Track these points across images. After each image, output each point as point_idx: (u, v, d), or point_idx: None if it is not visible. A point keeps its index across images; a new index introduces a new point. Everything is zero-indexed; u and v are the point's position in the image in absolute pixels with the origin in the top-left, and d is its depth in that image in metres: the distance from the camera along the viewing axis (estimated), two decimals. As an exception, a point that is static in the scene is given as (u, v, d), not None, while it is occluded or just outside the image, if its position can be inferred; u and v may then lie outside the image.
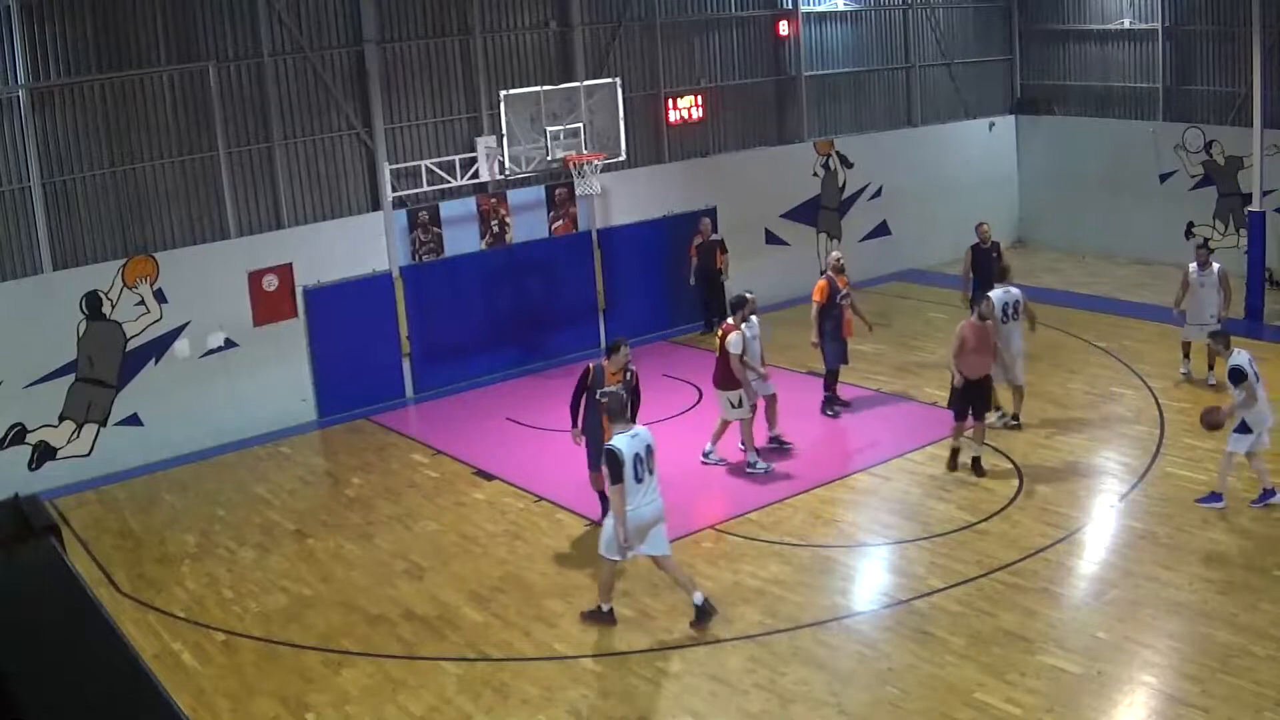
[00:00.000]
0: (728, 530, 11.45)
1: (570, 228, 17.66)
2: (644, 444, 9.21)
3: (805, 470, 12.71)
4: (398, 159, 16.07)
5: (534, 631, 9.76)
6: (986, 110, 22.73)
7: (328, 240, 15.61)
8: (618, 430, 9.20)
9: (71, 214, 13.98)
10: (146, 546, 12.19)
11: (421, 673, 9.26)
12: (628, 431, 9.19)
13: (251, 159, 15.18)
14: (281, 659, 9.65)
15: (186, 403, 14.55)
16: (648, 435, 9.31)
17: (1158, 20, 20.64)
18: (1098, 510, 11.44)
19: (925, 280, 20.84)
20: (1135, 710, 8.16)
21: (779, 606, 9.86)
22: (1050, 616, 9.38)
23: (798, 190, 20.20)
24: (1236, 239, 19.37)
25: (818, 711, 8.32)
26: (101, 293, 14.01)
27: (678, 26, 18.74)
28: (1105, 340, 16.61)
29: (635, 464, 9.08)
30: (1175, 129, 20.39)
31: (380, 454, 14.34)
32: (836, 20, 20.77)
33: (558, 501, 12.42)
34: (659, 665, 9.07)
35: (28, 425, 13.66)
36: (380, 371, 16.19)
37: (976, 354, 12.16)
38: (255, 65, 15.00)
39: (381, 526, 12.24)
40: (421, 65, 16.31)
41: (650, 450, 9.25)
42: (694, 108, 18.82)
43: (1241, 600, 9.38)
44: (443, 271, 16.52)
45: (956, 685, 8.46)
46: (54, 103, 13.71)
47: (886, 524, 11.57)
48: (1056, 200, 22.32)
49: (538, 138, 15.71)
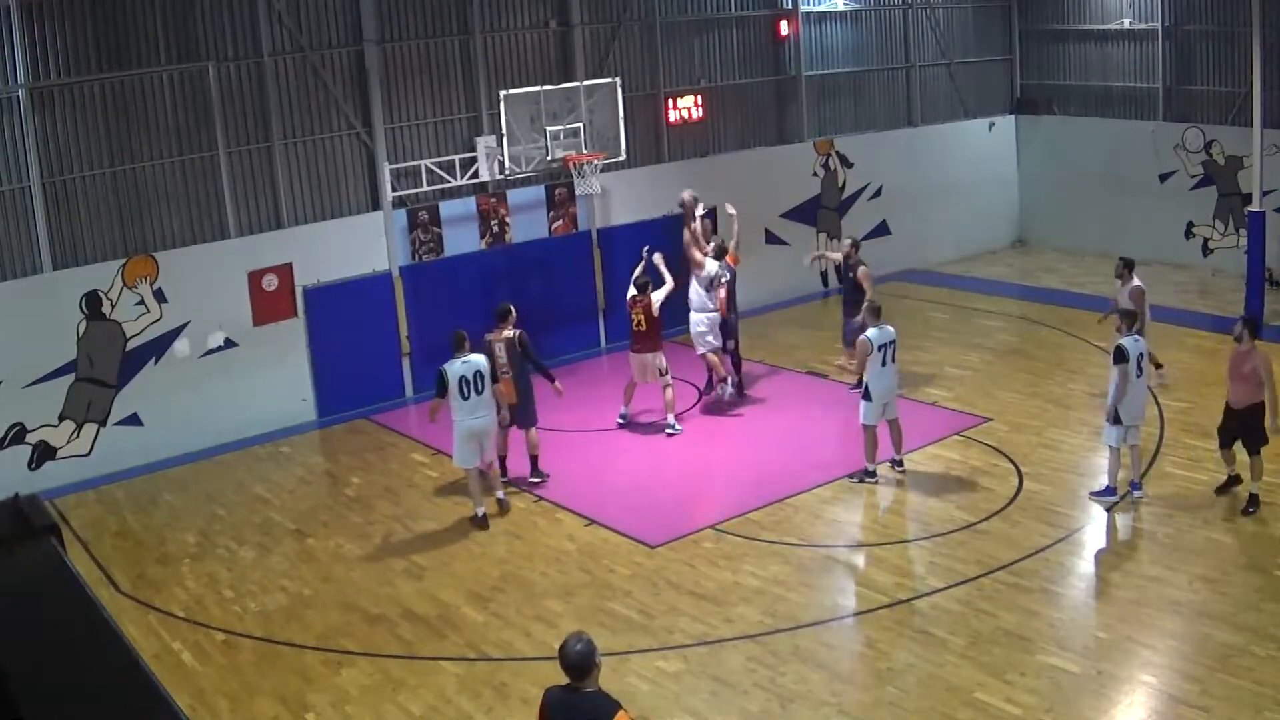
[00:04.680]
0: (728, 530, 11.45)
1: (570, 228, 17.66)
2: (473, 370, 11.58)
3: (805, 470, 12.71)
4: (398, 159, 16.07)
5: (534, 631, 9.77)
6: (986, 110, 22.73)
7: (328, 240, 15.61)
8: (458, 357, 11.63)
9: (71, 214, 13.98)
10: (146, 546, 12.19)
11: (421, 672, 9.26)
12: (460, 359, 11.58)
13: (251, 159, 15.18)
14: (281, 659, 9.65)
15: (186, 403, 14.55)
16: (479, 364, 11.64)
17: (1158, 20, 20.64)
18: (1098, 510, 11.44)
19: (925, 280, 20.85)
20: (1135, 710, 8.16)
21: (779, 606, 9.87)
22: (1050, 616, 9.39)
23: (798, 190, 20.20)
24: (1236, 239, 19.38)
25: (818, 711, 8.32)
26: (101, 292, 14.01)
27: (678, 26, 18.74)
28: (1105, 340, 16.59)
29: (461, 384, 11.51)
30: (1175, 129, 20.40)
31: (380, 454, 14.34)
32: (836, 20, 20.77)
33: (558, 501, 12.42)
34: (659, 665, 9.08)
35: (28, 425, 13.66)
36: (380, 371, 16.19)
37: (1232, 381, 11.13)
38: (255, 65, 14.99)
39: (381, 526, 12.24)
40: (421, 65, 16.30)
41: (480, 375, 11.59)
42: (694, 108, 18.81)
43: (1241, 600, 9.38)
44: (443, 271, 16.52)
45: (956, 685, 8.46)
46: (54, 103, 13.71)
47: (886, 524, 11.58)
48: (1056, 200, 22.32)
49: (538, 138, 15.71)
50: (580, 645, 5.50)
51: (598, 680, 5.58)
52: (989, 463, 12.64)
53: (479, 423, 11.68)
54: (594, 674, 5.53)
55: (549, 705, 5.63)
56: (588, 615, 9.95)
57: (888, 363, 12.13)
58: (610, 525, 11.73)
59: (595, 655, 5.53)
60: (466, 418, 11.62)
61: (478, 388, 11.60)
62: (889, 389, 12.24)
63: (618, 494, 12.69)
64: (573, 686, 5.53)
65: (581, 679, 5.50)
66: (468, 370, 11.55)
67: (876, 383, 12.08)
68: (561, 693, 5.58)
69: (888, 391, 12.22)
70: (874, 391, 12.09)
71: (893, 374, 12.30)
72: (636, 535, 11.43)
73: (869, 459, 12.31)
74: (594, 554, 11.16)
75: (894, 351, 12.24)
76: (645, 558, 10.98)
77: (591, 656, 5.51)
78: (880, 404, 12.14)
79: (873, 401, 12.11)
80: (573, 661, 5.50)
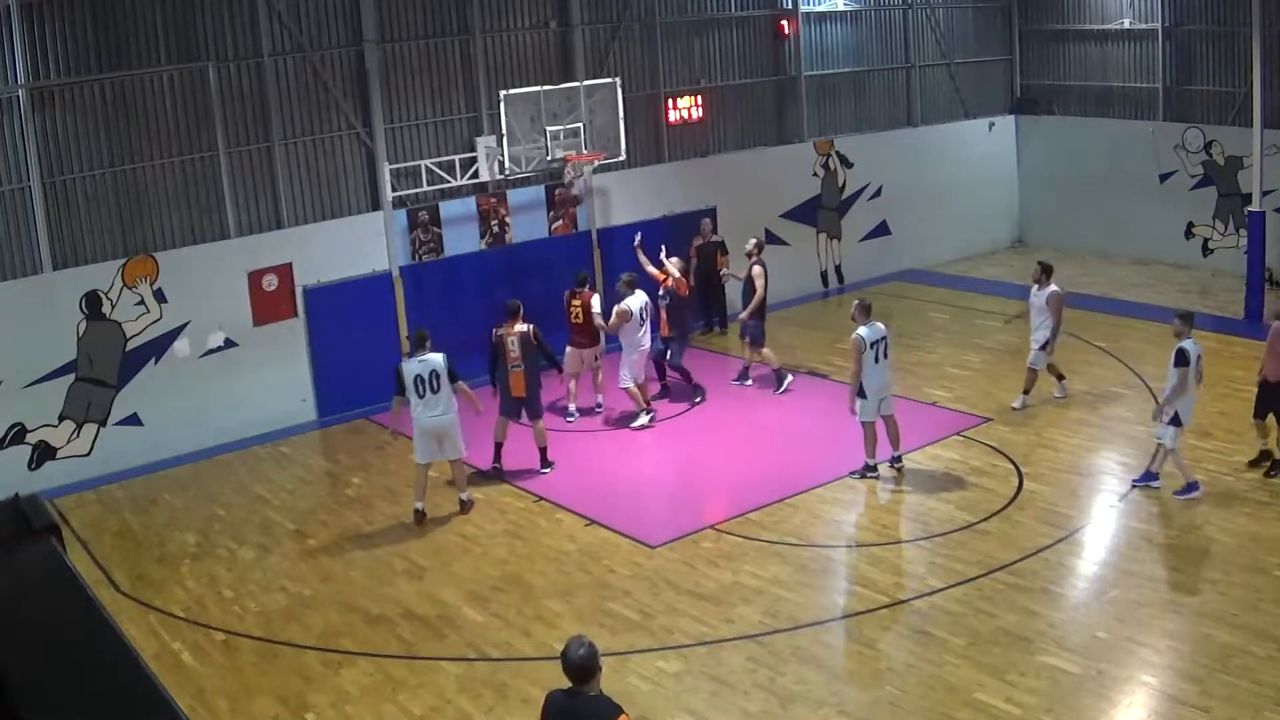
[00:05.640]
0: (728, 530, 11.45)
1: (570, 228, 17.66)
2: (429, 369, 11.57)
3: (805, 470, 12.71)
4: (398, 159, 16.07)
5: (534, 631, 9.77)
6: (986, 110, 22.73)
7: (328, 240, 15.61)
8: (414, 356, 11.75)
9: (71, 214, 13.98)
10: (146, 546, 12.20)
11: (421, 672, 9.26)
12: (417, 357, 11.65)
13: (251, 159, 15.18)
14: (281, 659, 9.65)
15: (186, 403, 14.54)
16: (436, 363, 11.60)
17: (1158, 20, 20.63)
18: (1098, 510, 11.45)
19: (925, 280, 20.84)
20: (1135, 710, 8.16)
21: (779, 606, 9.87)
22: (1050, 616, 9.39)
23: (798, 190, 20.20)
24: (1236, 239, 19.38)
25: (818, 711, 8.32)
26: (101, 292, 14.01)
27: (678, 26, 18.73)
28: (1105, 340, 16.61)
29: (416, 383, 11.57)
30: (1175, 129, 20.39)
31: (380, 454, 14.33)
32: (836, 20, 20.76)
33: (558, 501, 12.42)
34: (659, 665, 9.08)
35: (28, 425, 13.66)
36: (380, 371, 16.06)
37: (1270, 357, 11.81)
38: (255, 65, 14.99)
39: (381, 526, 12.24)
40: (421, 65, 16.30)
41: (435, 374, 11.56)
42: (694, 108, 18.81)
43: (1241, 600, 9.38)
44: (442, 271, 16.52)
45: (956, 685, 8.46)
46: (54, 103, 13.71)
47: (886, 524, 11.58)
48: (1056, 200, 22.31)
49: (538, 138, 15.71)
50: (583, 650, 5.50)
51: (599, 684, 5.58)
52: (989, 463, 12.64)
53: (435, 420, 11.71)
54: (596, 678, 5.53)
55: (550, 710, 5.63)
56: (588, 615, 9.96)
57: (880, 359, 12.19)
58: (610, 525, 11.73)
59: (597, 660, 5.53)
60: (423, 415, 11.71)
61: (433, 386, 11.62)
62: (883, 385, 12.30)
63: (618, 494, 12.70)
64: (574, 691, 5.53)
65: (583, 683, 5.50)
66: (424, 369, 11.61)
67: (870, 379, 12.14)
68: (563, 697, 5.57)
69: (883, 388, 12.28)
70: (868, 388, 12.14)
71: (886, 371, 12.35)
72: (636, 535, 11.43)
73: (869, 454, 12.35)
74: (594, 554, 11.16)
75: (886, 348, 12.29)
76: (645, 558, 10.98)
77: (593, 661, 5.50)
78: (875, 400, 12.20)
79: (868, 399, 12.17)
80: (575, 666, 5.50)
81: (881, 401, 12.29)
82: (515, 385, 12.82)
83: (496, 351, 12.95)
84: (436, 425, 11.73)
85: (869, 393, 12.16)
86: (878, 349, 12.19)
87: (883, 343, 12.26)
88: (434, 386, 11.62)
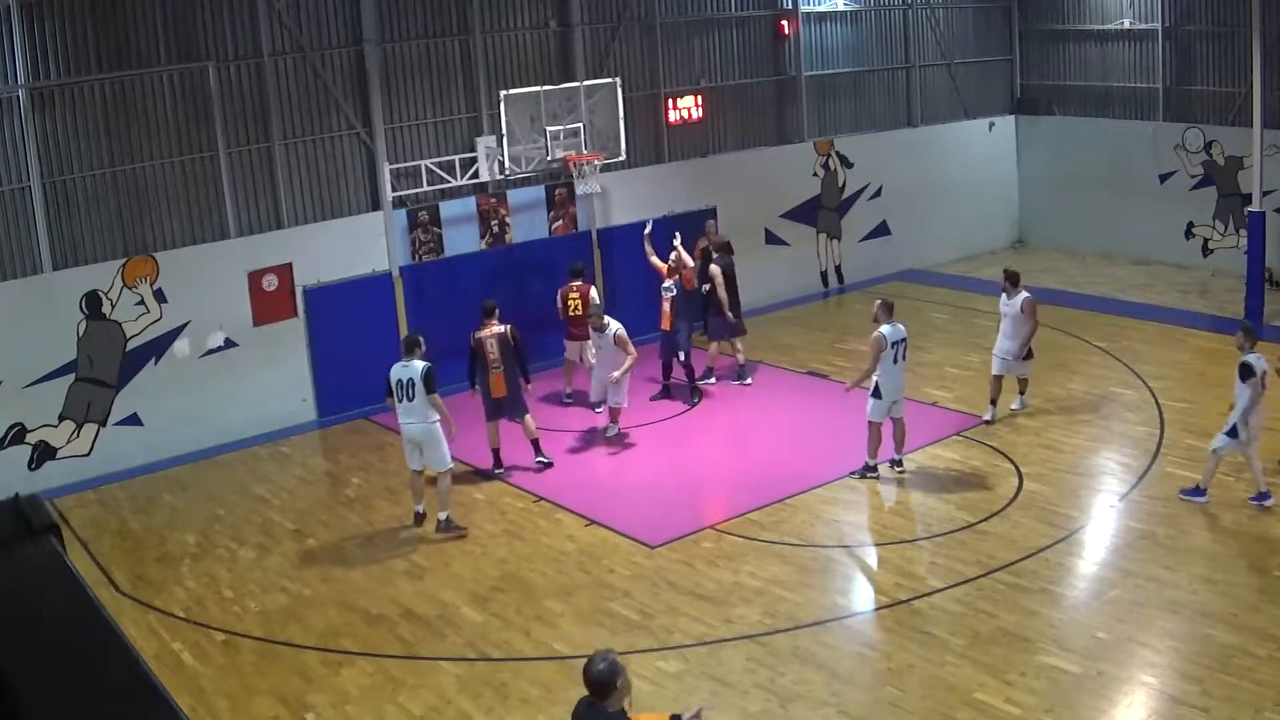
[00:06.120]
0: (728, 530, 11.45)
1: (570, 228, 17.65)
2: (407, 375, 11.45)
3: (805, 470, 12.70)
4: (398, 159, 16.07)
5: (534, 631, 9.76)
6: (986, 110, 22.73)
7: (328, 240, 15.61)
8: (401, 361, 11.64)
9: (71, 214, 13.98)
10: (146, 546, 12.19)
11: (421, 673, 9.26)
12: (403, 362, 11.56)
13: (251, 159, 15.18)
14: (281, 659, 9.65)
15: (186, 403, 14.55)
16: (415, 370, 11.43)
17: (1158, 20, 20.64)
18: (1098, 510, 11.45)
19: (925, 280, 20.84)
20: (1135, 710, 8.15)
21: (779, 606, 9.87)
22: (1050, 616, 9.38)
23: (798, 190, 20.20)
24: (1236, 239, 19.38)
25: (818, 711, 8.32)
26: (101, 292, 14.01)
27: (678, 26, 18.73)
28: (1105, 340, 16.61)
29: (396, 388, 11.51)
30: (1175, 129, 20.39)
31: (380, 454, 14.33)
32: (836, 20, 20.77)
33: (557, 501, 12.42)
34: (659, 665, 9.08)
35: (28, 425, 13.66)
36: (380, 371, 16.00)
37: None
38: (255, 65, 14.99)
39: (381, 526, 12.24)
40: (421, 65, 16.30)
41: (413, 382, 11.41)
42: (694, 108, 18.81)
43: (1241, 600, 9.38)
44: (443, 271, 16.52)
45: (956, 685, 8.46)
46: (54, 103, 13.70)
47: (886, 524, 11.57)
48: (1056, 200, 22.31)
49: (538, 138, 15.71)
50: (603, 665, 5.51)
51: (624, 700, 5.54)
52: (989, 463, 12.64)
53: (410, 428, 11.61)
54: (615, 694, 5.50)
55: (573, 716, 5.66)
56: (587, 616, 9.96)
57: (898, 360, 12.18)
58: (610, 525, 11.73)
59: (617, 676, 5.50)
60: (403, 421, 11.66)
61: (409, 394, 11.48)
62: (898, 387, 12.27)
63: (618, 494, 12.71)
64: (593, 703, 5.55)
65: (602, 697, 5.51)
66: (403, 375, 11.52)
67: (886, 380, 12.12)
68: (584, 707, 5.61)
69: (897, 390, 12.25)
70: (884, 389, 12.12)
71: (902, 373, 12.32)
72: (636, 535, 11.43)
73: (871, 454, 12.34)
74: (594, 554, 11.16)
75: (905, 350, 12.28)
76: (645, 558, 10.98)
77: (611, 677, 5.49)
78: (889, 402, 12.18)
79: (882, 399, 12.15)
80: (591, 680, 5.53)
81: (894, 404, 12.26)
82: (496, 386, 12.86)
83: (475, 354, 12.98)
84: (412, 433, 11.63)
85: (884, 393, 12.14)
86: (897, 350, 12.16)
87: (903, 344, 12.23)
88: (409, 394, 11.50)
